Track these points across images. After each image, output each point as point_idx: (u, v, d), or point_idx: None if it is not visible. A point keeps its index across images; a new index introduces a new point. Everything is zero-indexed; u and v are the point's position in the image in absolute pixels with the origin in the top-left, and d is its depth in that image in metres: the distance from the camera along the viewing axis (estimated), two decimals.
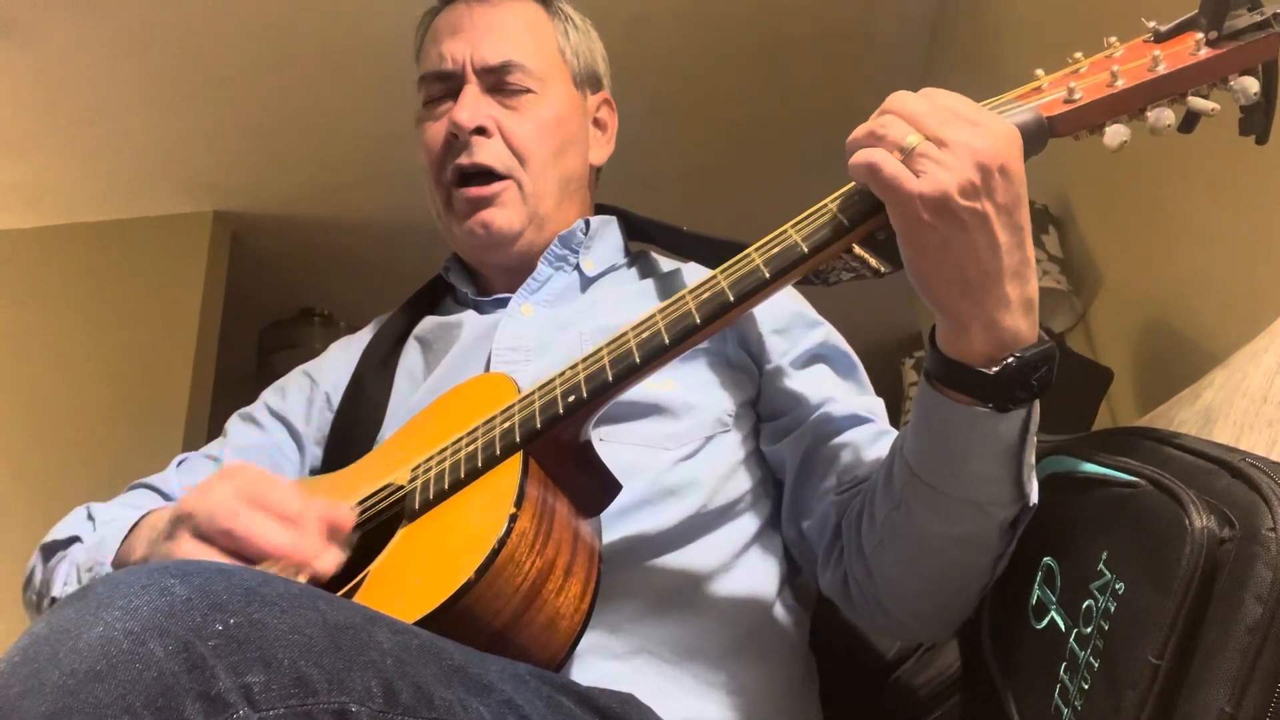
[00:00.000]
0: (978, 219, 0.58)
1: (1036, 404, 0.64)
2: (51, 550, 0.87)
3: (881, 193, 0.59)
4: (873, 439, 0.83)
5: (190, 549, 0.64)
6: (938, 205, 0.57)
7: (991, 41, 2.22)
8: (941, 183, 0.57)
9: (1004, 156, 0.58)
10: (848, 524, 0.78)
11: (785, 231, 0.67)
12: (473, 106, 0.94)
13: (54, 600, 0.81)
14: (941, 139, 0.58)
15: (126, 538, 0.78)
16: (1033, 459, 0.66)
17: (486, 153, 0.94)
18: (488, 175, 0.95)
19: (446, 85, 0.97)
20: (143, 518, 0.79)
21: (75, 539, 0.86)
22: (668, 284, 0.98)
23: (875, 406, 0.89)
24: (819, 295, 0.79)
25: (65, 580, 0.81)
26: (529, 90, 0.97)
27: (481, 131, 0.94)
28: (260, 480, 0.67)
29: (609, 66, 1.10)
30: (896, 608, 0.75)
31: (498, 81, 0.96)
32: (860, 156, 0.60)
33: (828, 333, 0.94)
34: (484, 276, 1.04)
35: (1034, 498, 0.67)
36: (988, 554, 0.69)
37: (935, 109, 0.59)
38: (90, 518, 0.88)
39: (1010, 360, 0.61)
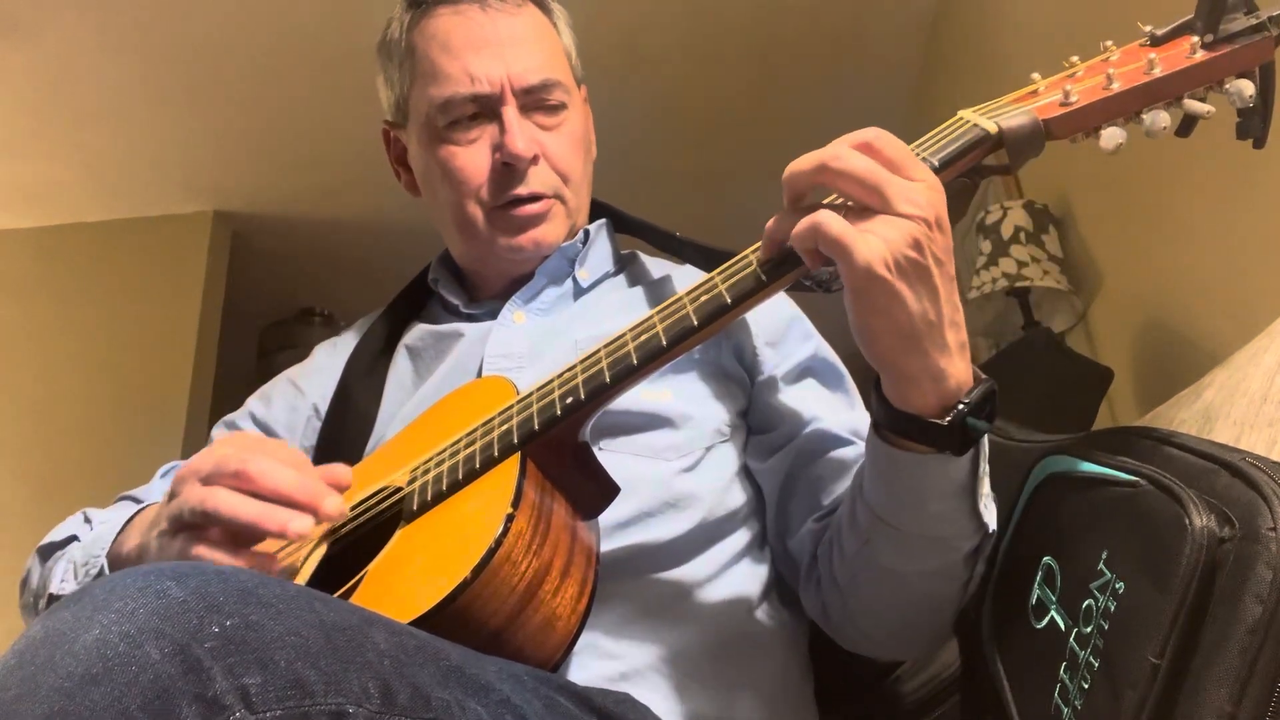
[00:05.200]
0: (922, 272, 0.58)
1: (985, 438, 0.65)
2: (49, 551, 0.87)
3: (831, 252, 0.58)
4: (855, 460, 0.83)
5: (199, 493, 0.66)
6: (887, 262, 0.57)
7: (988, 43, 2.22)
8: (891, 239, 0.57)
9: (938, 207, 0.59)
10: (822, 553, 0.79)
11: None
12: (526, 135, 0.91)
13: (51, 597, 0.81)
14: (884, 195, 0.58)
15: (120, 533, 0.78)
16: (987, 488, 0.68)
17: (539, 180, 0.93)
18: (535, 195, 0.94)
19: (478, 106, 0.92)
20: (136, 514, 0.80)
21: (73, 538, 0.86)
22: (659, 289, 0.97)
23: (860, 424, 0.88)
24: (813, 296, 0.79)
25: (62, 578, 0.81)
26: (564, 106, 0.95)
27: (534, 159, 0.93)
28: (259, 437, 0.72)
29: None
30: (874, 633, 0.77)
31: (536, 101, 0.94)
32: (804, 220, 0.59)
33: (818, 345, 0.93)
34: (479, 285, 1.03)
35: (993, 525, 0.68)
36: (955, 582, 0.71)
37: (870, 166, 0.59)
38: (87, 520, 0.89)
39: (961, 407, 0.61)
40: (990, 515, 0.68)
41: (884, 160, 0.59)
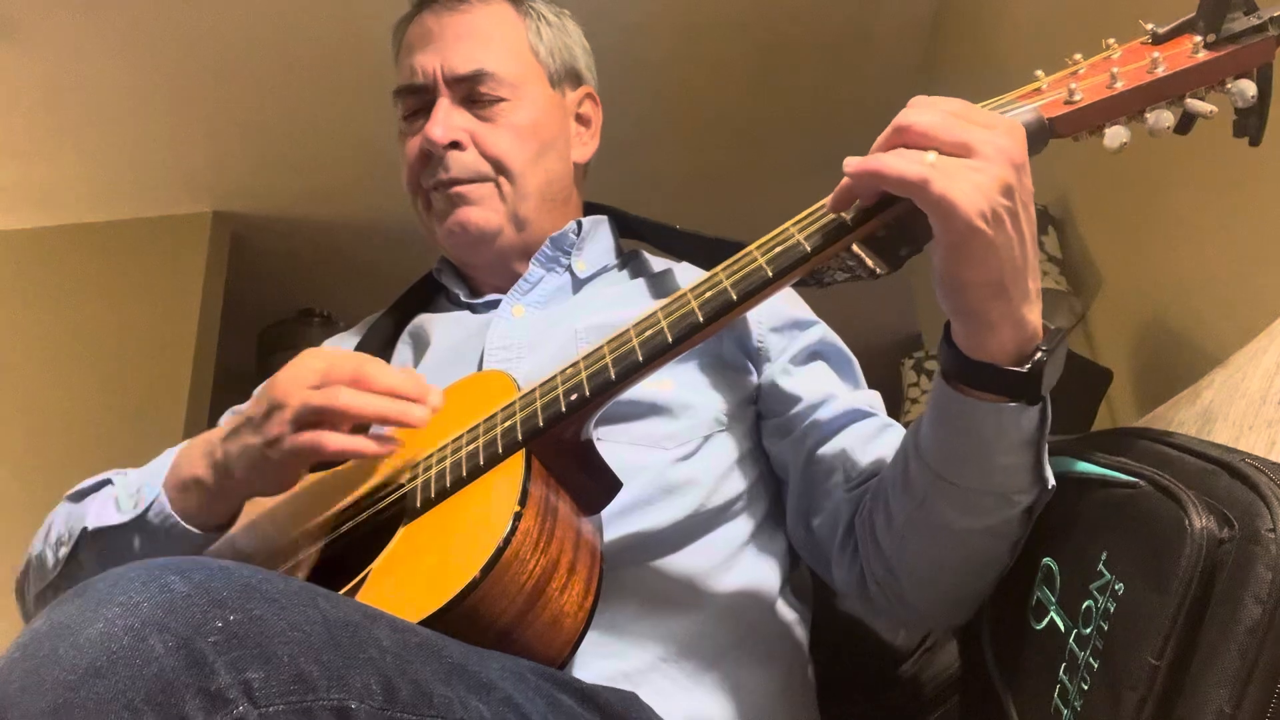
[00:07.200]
0: (1014, 219, 0.58)
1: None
2: (79, 496, 0.89)
3: (933, 208, 0.57)
4: (876, 432, 0.84)
5: (321, 395, 0.70)
6: (984, 214, 0.57)
7: (991, 42, 2.22)
8: (986, 189, 0.57)
9: (1024, 153, 0.59)
10: (861, 523, 0.78)
11: (787, 230, 0.67)
12: (445, 121, 0.94)
13: (84, 531, 0.82)
14: (966, 144, 0.57)
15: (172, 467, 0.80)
16: (1046, 444, 0.67)
17: (461, 166, 0.95)
18: (455, 180, 0.96)
19: (420, 99, 0.97)
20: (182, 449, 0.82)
21: (107, 482, 0.88)
22: (661, 284, 0.98)
23: (874, 400, 0.90)
24: (818, 296, 0.79)
25: (99, 512, 0.82)
26: (502, 99, 0.97)
27: (455, 146, 0.95)
28: (346, 351, 0.76)
29: (592, 59, 1.08)
30: (917, 600, 0.76)
31: (470, 91, 0.96)
32: (903, 171, 0.57)
33: (824, 330, 0.94)
34: (474, 279, 1.04)
35: (1052, 480, 0.68)
36: (1008, 540, 0.70)
37: (946, 117, 0.59)
38: (121, 473, 0.91)
39: (1040, 355, 0.62)
40: (1050, 471, 0.68)
41: (954, 113, 0.59)
